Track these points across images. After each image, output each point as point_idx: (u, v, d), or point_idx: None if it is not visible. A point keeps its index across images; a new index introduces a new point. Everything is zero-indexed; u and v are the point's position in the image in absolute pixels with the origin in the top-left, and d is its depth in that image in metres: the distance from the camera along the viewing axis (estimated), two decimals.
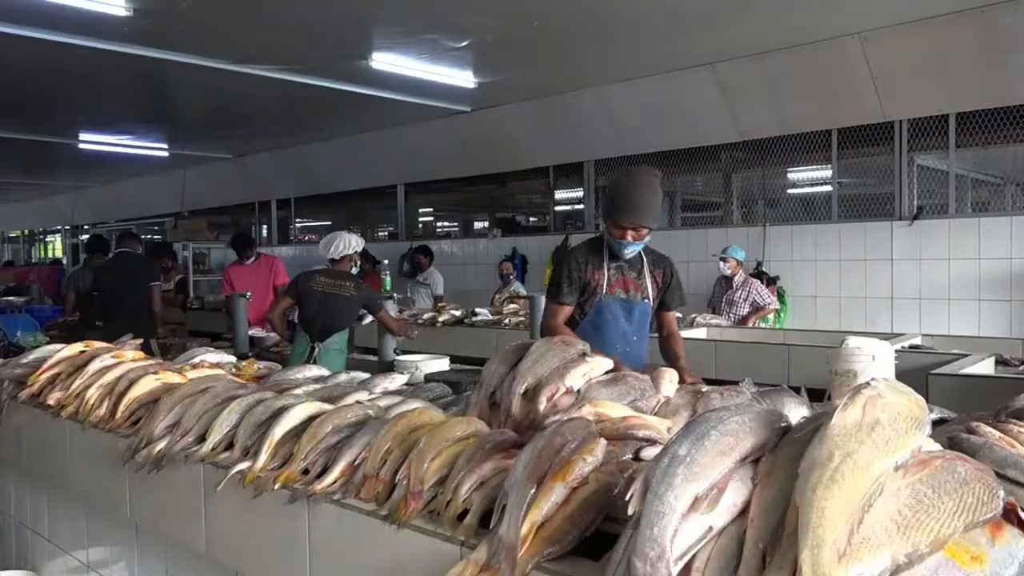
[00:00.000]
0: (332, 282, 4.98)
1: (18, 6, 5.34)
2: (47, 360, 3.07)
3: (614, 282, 3.35)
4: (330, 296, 4.92)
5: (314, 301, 4.94)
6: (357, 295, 4.94)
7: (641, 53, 7.03)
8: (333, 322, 4.92)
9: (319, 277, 5.05)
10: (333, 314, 4.91)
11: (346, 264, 5.10)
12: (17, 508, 3.47)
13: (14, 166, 14.72)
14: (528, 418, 1.88)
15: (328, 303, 4.91)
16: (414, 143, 10.45)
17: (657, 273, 3.43)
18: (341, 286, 4.95)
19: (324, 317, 4.92)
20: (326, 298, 4.92)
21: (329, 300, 4.91)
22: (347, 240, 5.11)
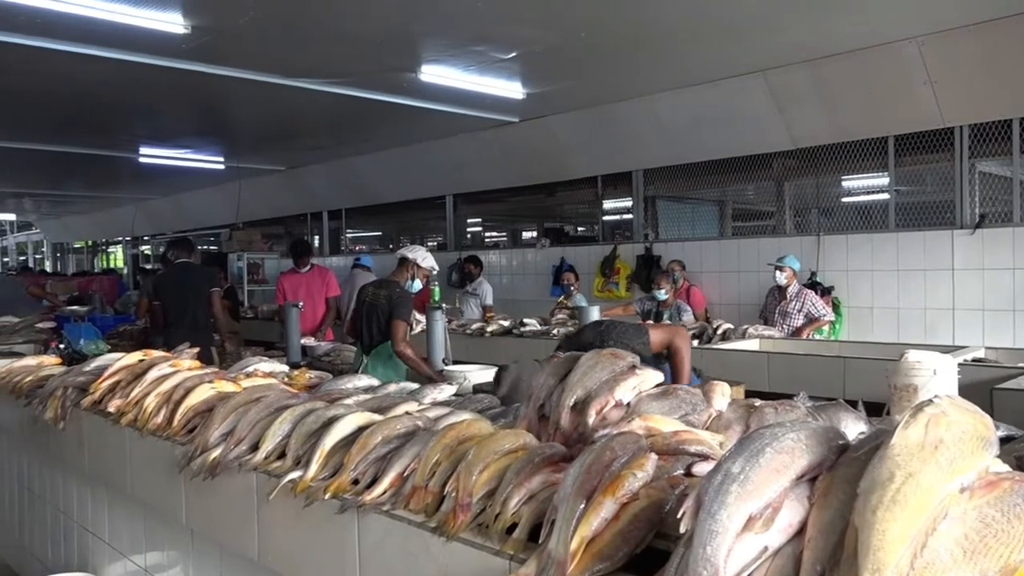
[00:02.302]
0: (374, 292, 5.08)
1: (83, 26, 5.53)
2: (108, 368, 3.16)
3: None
4: (371, 306, 5.02)
5: (361, 312, 5.07)
6: (386, 303, 4.96)
7: (691, 61, 6.97)
8: (373, 332, 4.99)
9: (369, 289, 5.16)
10: (372, 324, 4.98)
11: (401, 273, 5.13)
12: (79, 511, 3.58)
13: (79, 180, 15.24)
14: (577, 431, 1.86)
15: (370, 313, 5.01)
16: (463, 154, 10.52)
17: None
18: (377, 295, 5.02)
19: (366, 327, 5.02)
20: (369, 308, 5.02)
21: (370, 310, 5.01)
22: (416, 248, 5.22)
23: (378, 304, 4.97)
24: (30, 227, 27.29)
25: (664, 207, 9.44)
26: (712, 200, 9.29)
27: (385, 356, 4.91)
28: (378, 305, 4.96)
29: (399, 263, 5.17)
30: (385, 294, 4.99)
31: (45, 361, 4.06)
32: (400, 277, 5.11)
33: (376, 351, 4.93)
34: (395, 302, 4.93)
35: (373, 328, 4.97)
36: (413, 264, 5.11)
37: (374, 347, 4.96)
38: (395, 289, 5.02)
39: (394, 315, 4.87)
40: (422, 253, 5.18)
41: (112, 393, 3.02)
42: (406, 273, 5.12)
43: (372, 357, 4.92)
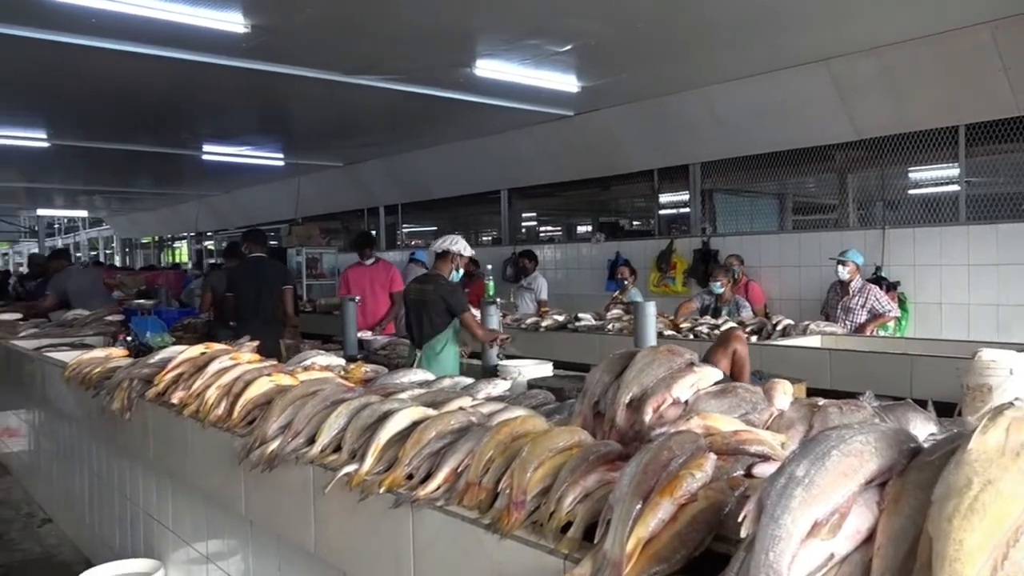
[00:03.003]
0: (420, 287, 5.18)
1: (149, 28, 5.68)
2: (171, 361, 3.24)
3: None
4: (420, 302, 5.09)
5: (410, 309, 5.17)
6: (437, 297, 5.02)
7: (749, 52, 6.81)
8: (424, 326, 5.05)
9: (413, 285, 5.30)
10: (423, 318, 5.05)
11: (444, 266, 5.17)
12: (145, 499, 3.68)
13: (146, 178, 15.74)
14: (633, 429, 1.83)
15: (418, 309, 5.09)
16: (518, 148, 10.51)
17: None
18: (426, 291, 5.10)
19: (415, 323, 5.10)
20: (417, 304, 5.10)
21: (420, 306, 5.09)
22: (454, 239, 5.22)
23: (427, 299, 5.03)
24: (101, 223, 28.31)
25: (722, 201, 9.27)
26: (772, 193, 9.08)
27: (435, 351, 4.96)
28: (427, 300, 5.03)
29: (439, 257, 5.21)
30: (432, 288, 5.05)
31: (113, 353, 4.18)
32: (443, 270, 5.16)
33: (428, 345, 4.98)
34: (448, 296, 5.00)
35: (424, 323, 5.03)
36: (457, 256, 5.16)
37: (425, 342, 5.01)
38: (440, 282, 5.08)
39: (456, 310, 4.97)
40: (462, 243, 5.22)
41: (175, 385, 3.09)
42: (449, 265, 5.16)
43: (424, 351, 4.97)
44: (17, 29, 5.73)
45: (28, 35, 5.82)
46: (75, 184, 16.86)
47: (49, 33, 5.85)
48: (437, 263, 5.21)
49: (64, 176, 15.47)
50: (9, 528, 5.17)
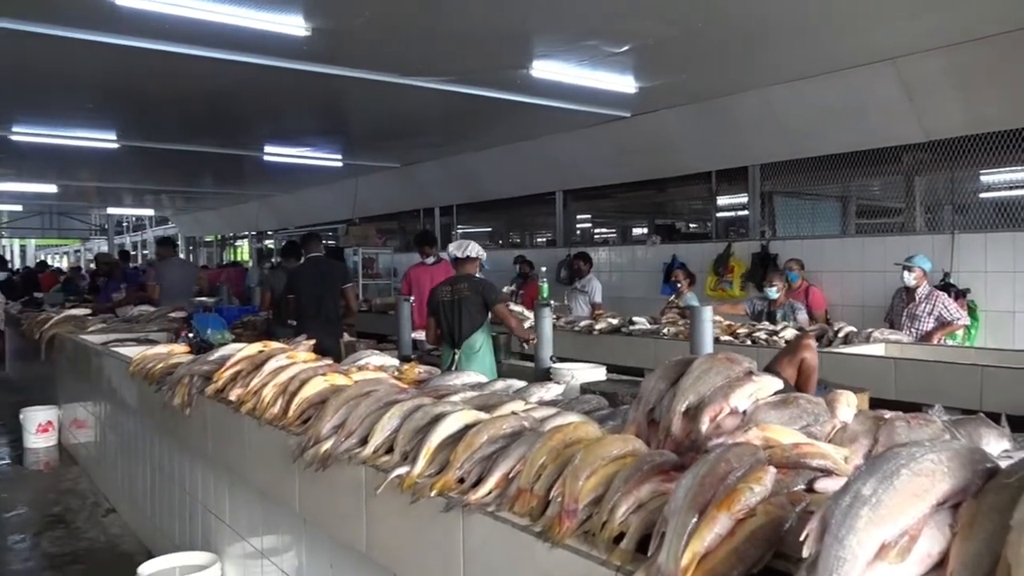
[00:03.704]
0: (452, 288, 5.29)
1: (212, 32, 5.82)
2: (230, 358, 3.30)
3: None
4: (453, 302, 5.21)
5: (444, 311, 5.25)
6: (473, 293, 5.18)
7: (812, 51, 6.65)
8: (462, 325, 5.15)
9: (442, 288, 5.37)
10: (460, 318, 5.16)
11: (469, 268, 5.37)
12: (203, 493, 3.76)
13: (209, 178, 16.15)
14: (689, 439, 1.78)
15: (453, 309, 5.19)
16: (573, 150, 10.46)
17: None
18: (459, 290, 5.23)
19: (454, 323, 5.17)
20: (451, 305, 5.21)
21: (454, 306, 5.19)
22: (473, 244, 5.45)
23: (461, 297, 5.17)
24: (166, 222, 29.16)
25: (782, 203, 9.06)
26: (834, 196, 8.84)
27: (474, 349, 5.04)
28: (462, 298, 5.17)
29: (460, 262, 5.39)
30: (466, 286, 5.20)
31: (175, 349, 4.29)
32: (470, 271, 5.37)
33: (467, 343, 5.10)
34: (483, 291, 5.19)
35: (463, 321, 5.14)
36: (478, 260, 5.43)
37: (463, 340, 5.13)
38: (473, 279, 5.26)
39: (491, 302, 5.18)
40: (478, 247, 5.44)
41: (233, 382, 3.14)
42: (474, 267, 5.39)
43: (464, 350, 5.06)
44: (89, 34, 5.93)
45: (99, 40, 6.01)
46: (143, 184, 17.40)
47: (119, 38, 6.04)
48: (461, 266, 5.39)
49: (133, 176, 15.98)
50: (76, 517, 5.35)
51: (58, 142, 10.80)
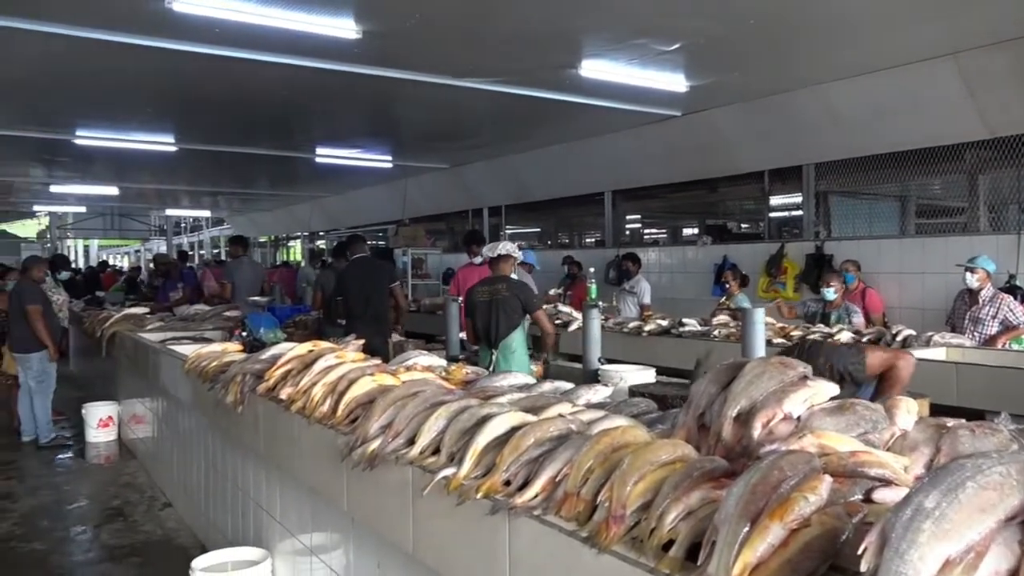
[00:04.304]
0: (489, 288, 5.28)
1: (264, 35, 5.92)
2: (281, 357, 3.34)
3: None
4: (490, 302, 5.20)
5: (480, 311, 5.24)
6: (510, 295, 5.17)
7: (869, 47, 6.47)
8: (499, 326, 5.15)
9: (478, 288, 5.37)
10: (497, 318, 5.16)
11: (506, 267, 5.38)
12: (255, 490, 3.82)
13: (262, 179, 16.48)
14: (740, 445, 1.74)
15: (490, 309, 5.19)
16: (622, 150, 10.38)
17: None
18: (496, 290, 5.23)
19: (491, 324, 5.18)
20: (488, 305, 5.21)
21: (490, 306, 5.19)
22: (506, 243, 5.47)
23: (499, 298, 5.17)
24: (222, 223, 29.85)
25: (837, 203, 8.85)
26: (892, 195, 8.60)
27: (511, 349, 5.07)
28: (500, 300, 5.17)
29: (495, 261, 5.40)
30: (504, 287, 5.20)
31: (228, 348, 4.37)
32: (506, 271, 5.38)
33: (504, 343, 5.12)
34: (521, 294, 5.21)
35: (500, 322, 5.15)
36: (513, 260, 5.45)
37: (501, 340, 5.14)
38: (511, 281, 5.28)
39: (530, 307, 5.21)
40: (511, 245, 5.45)
41: (284, 381, 3.18)
42: (509, 267, 5.41)
43: (501, 351, 5.09)
44: (148, 40, 6.09)
45: (158, 45, 6.17)
46: (200, 185, 17.84)
47: (177, 43, 6.19)
48: (499, 265, 5.39)
49: (190, 178, 16.40)
50: (134, 510, 5.49)
51: (119, 145, 11.14)
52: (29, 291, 7.49)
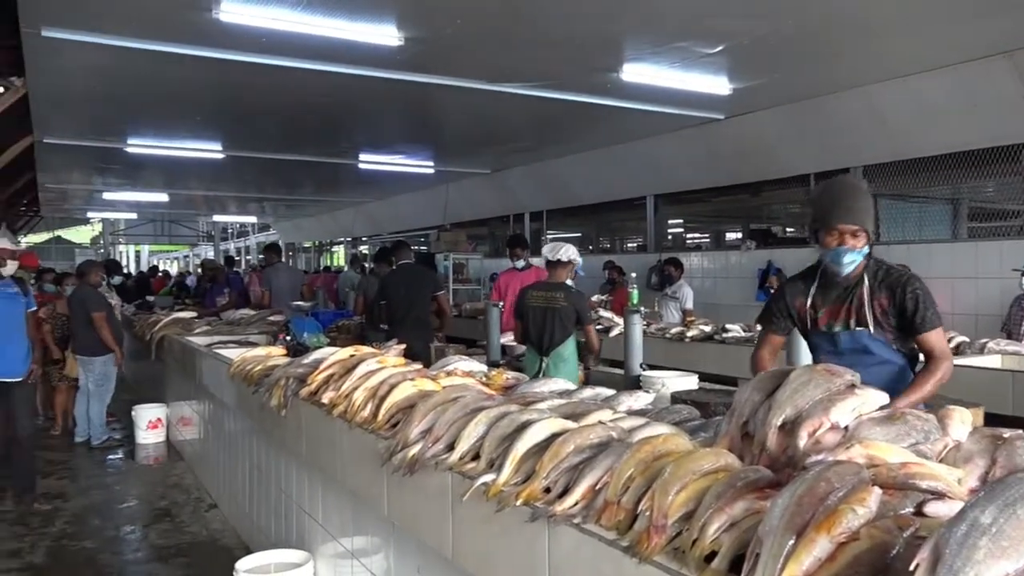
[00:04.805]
0: (545, 295, 5.08)
1: (309, 44, 6.01)
2: (323, 362, 3.37)
3: (822, 314, 2.92)
4: (546, 309, 5.02)
5: (533, 316, 5.07)
6: (568, 305, 4.97)
7: (919, 46, 6.32)
8: (553, 334, 4.99)
9: (533, 292, 5.18)
10: (552, 327, 4.98)
11: (562, 273, 5.16)
12: (298, 493, 3.86)
13: (308, 185, 16.73)
14: (786, 454, 1.70)
15: (544, 316, 5.01)
16: (664, 153, 10.30)
17: (881, 297, 2.83)
18: (553, 298, 5.02)
19: (544, 331, 5.01)
20: (542, 312, 5.02)
21: (546, 313, 5.01)
22: (571, 248, 5.20)
23: (556, 306, 4.99)
24: (268, 228, 30.37)
25: (886, 206, 8.65)
26: (943, 198, 8.38)
27: (562, 358, 4.95)
28: (556, 308, 4.99)
29: (553, 265, 5.17)
30: (562, 296, 5.00)
31: (272, 352, 4.43)
32: (563, 277, 5.16)
33: (556, 352, 4.97)
34: (578, 305, 5.02)
35: (555, 330, 4.99)
36: (573, 266, 5.19)
37: (553, 349, 4.99)
38: (571, 291, 5.08)
39: (586, 320, 5.03)
40: (575, 250, 5.22)
41: (326, 385, 3.21)
42: (568, 272, 5.18)
43: (552, 359, 4.95)
44: (196, 49, 6.22)
45: (205, 55, 6.31)
46: (246, 192, 18.17)
47: (224, 52, 6.31)
48: (556, 270, 5.18)
49: (237, 185, 16.72)
50: (181, 511, 5.60)
51: (169, 153, 11.41)
52: (94, 298, 7.68)
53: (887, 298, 2.83)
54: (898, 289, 2.82)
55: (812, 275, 2.99)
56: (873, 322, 2.82)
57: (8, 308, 5.65)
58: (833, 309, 2.89)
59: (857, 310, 2.84)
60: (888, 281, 2.85)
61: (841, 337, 2.86)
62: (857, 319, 2.84)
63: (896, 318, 2.83)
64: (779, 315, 3.03)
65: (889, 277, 2.86)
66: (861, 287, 2.85)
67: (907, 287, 2.82)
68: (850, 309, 2.85)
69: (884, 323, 2.83)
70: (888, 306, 2.83)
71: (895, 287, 2.83)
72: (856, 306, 2.84)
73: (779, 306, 3.04)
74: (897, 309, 2.81)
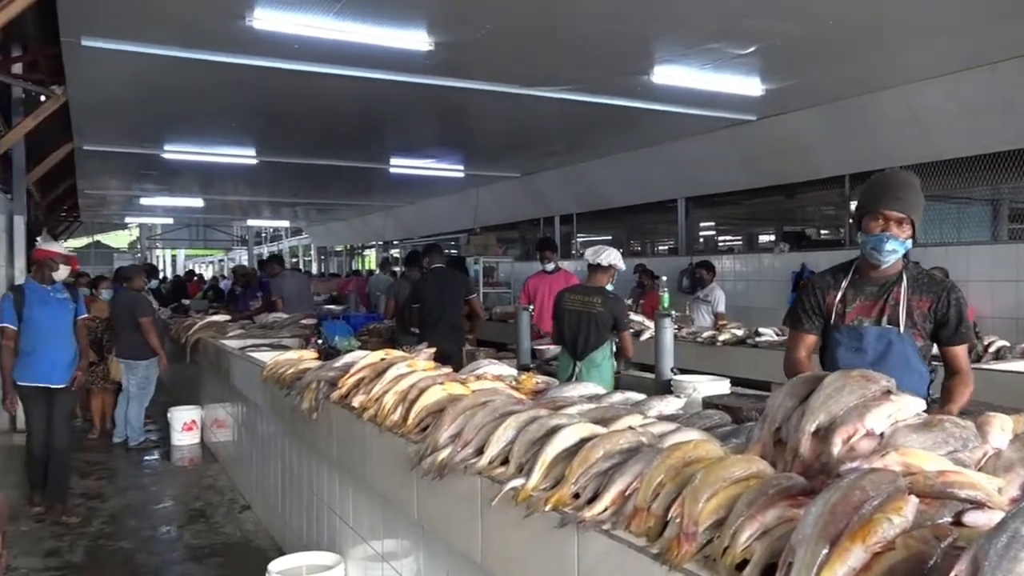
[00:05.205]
0: (582, 299, 5.02)
1: (340, 50, 6.06)
2: (354, 365, 3.40)
3: (851, 309, 2.82)
4: (582, 313, 4.95)
5: (569, 321, 5.00)
6: (605, 311, 4.90)
7: (959, 45, 6.20)
8: (588, 339, 4.92)
9: (570, 295, 5.12)
10: (587, 332, 4.92)
11: (603, 278, 5.08)
12: (329, 496, 3.89)
13: (339, 190, 16.89)
14: (819, 462, 1.67)
15: (581, 320, 4.94)
16: (696, 156, 10.22)
17: (920, 299, 2.75)
18: (591, 303, 4.96)
19: (579, 335, 4.95)
20: (579, 316, 4.96)
21: (582, 317, 4.94)
22: (614, 252, 5.12)
23: (593, 312, 4.92)
24: (300, 233, 30.71)
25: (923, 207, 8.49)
26: (983, 199, 8.21)
27: (596, 363, 4.90)
28: (593, 313, 4.92)
29: (594, 269, 5.10)
30: (600, 301, 4.93)
31: (304, 355, 4.46)
32: (603, 282, 5.08)
33: (590, 358, 4.91)
34: (616, 311, 4.94)
35: (589, 335, 4.92)
36: (614, 271, 5.10)
37: (587, 354, 4.92)
38: (609, 296, 4.99)
39: (623, 327, 4.96)
40: (618, 255, 5.13)
41: (356, 389, 3.23)
42: (608, 278, 5.10)
43: (586, 364, 4.90)
44: (230, 57, 6.31)
45: (239, 62, 6.40)
46: (279, 196, 18.41)
47: (258, 59, 6.40)
48: (596, 274, 5.11)
49: (270, 189, 16.94)
50: (215, 512, 5.67)
51: (204, 159, 11.59)
52: (141, 302, 7.80)
53: (929, 301, 2.76)
54: (943, 294, 2.76)
55: (845, 270, 2.91)
56: (906, 323, 2.74)
57: (58, 314, 5.66)
58: (865, 305, 2.81)
59: (891, 308, 2.76)
60: (931, 285, 2.79)
61: (869, 332, 2.78)
62: (889, 317, 2.77)
63: (934, 323, 2.76)
64: (811, 312, 2.92)
65: (932, 281, 2.80)
66: (898, 286, 2.78)
67: (951, 294, 2.77)
68: (884, 307, 2.78)
69: (920, 326, 2.76)
70: (928, 310, 2.76)
71: (940, 292, 2.77)
72: (891, 304, 2.77)
73: (811, 302, 2.92)
74: (938, 315, 2.75)
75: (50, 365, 5.56)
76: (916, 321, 2.76)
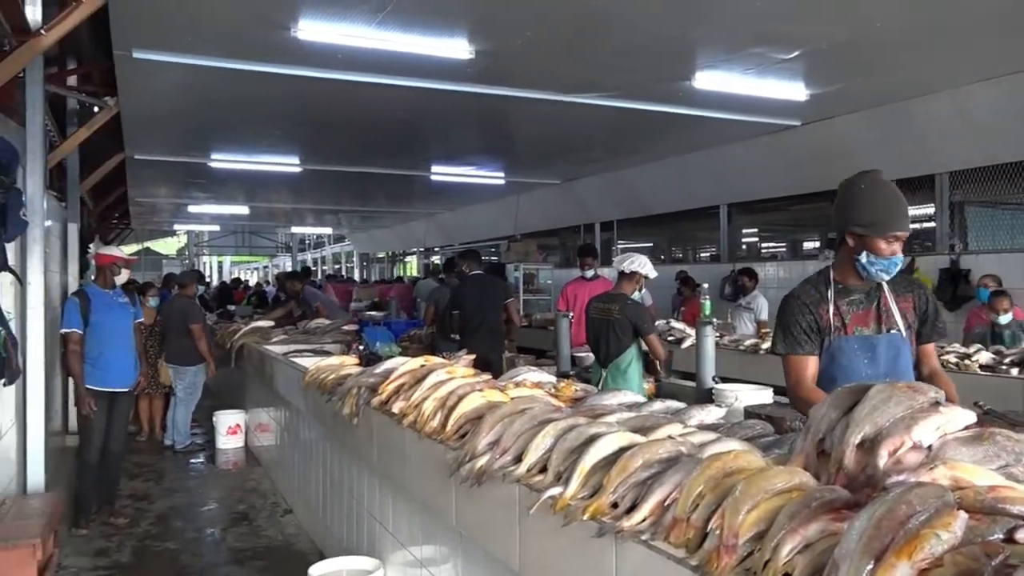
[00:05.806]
0: (603, 307, 5.12)
1: (383, 59, 6.13)
2: (394, 372, 3.42)
3: (850, 320, 2.76)
4: (602, 321, 5.06)
5: (592, 329, 5.15)
6: (623, 317, 4.97)
7: (1013, 45, 6.03)
8: (609, 346, 5.01)
9: (594, 303, 5.23)
10: (607, 339, 5.02)
11: (629, 285, 5.13)
12: (369, 501, 3.92)
13: (381, 197, 17.07)
14: (864, 474, 1.63)
15: (601, 328, 5.06)
16: (738, 162, 10.10)
17: (902, 299, 2.77)
18: (609, 310, 5.05)
19: (600, 342, 5.06)
20: (599, 323, 5.08)
21: (602, 325, 5.06)
22: (642, 260, 5.13)
23: (611, 319, 5.01)
24: (343, 239, 31.07)
25: (974, 214, 8.28)
26: None
27: (620, 369, 4.93)
28: (612, 320, 5.00)
29: (620, 276, 5.16)
30: (617, 308, 5.01)
31: (345, 361, 4.51)
32: (627, 289, 5.13)
33: (614, 364, 4.99)
34: (633, 316, 4.98)
35: (610, 342, 5.01)
36: (641, 277, 5.14)
37: (611, 361, 5.01)
38: (626, 302, 5.05)
39: (643, 331, 5.00)
40: (648, 265, 5.16)
41: (396, 395, 3.25)
42: (633, 285, 5.15)
43: (610, 370, 4.96)
44: (276, 67, 6.43)
45: (285, 72, 6.51)
46: (323, 204, 18.65)
47: (302, 69, 6.51)
48: (621, 282, 5.17)
49: (314, 197, 17.18)
50: (257, 515, 5.75)
51: (249, 167, 11.80)
52: (193, 309, 7.97)
53: (910, 300, 2.81)
54: (917, 291, 2.85)
55: (825, 282, 2.87)
56: (904, 325, 2.77)
57: (121, 318, 5.67)
58: (859, 315, 2.78)
59: (885, 314, 2.76)
60: (904, 284, 2.84)
61: (880, 340, 2.74)
62: (886, 324, 2.76)
63: (919, 321, 2.81)
64: (810, 331, 2.79)
65: (903, 279, 2.84)
66: (882, 291, 2.78)
67: (923, 290, 2.86)
68: (879, 314, 2.77)
69: (912, 327, 2.79)
70: (912, 308, 2.80)
71: (914, 288, 2.86)
72: (884, 310, 2.77)
73: (807, 321, 2.79)
74: (919, 311, 2.81)
75: (118, 370, 5.58)
76: (909, 322, 2.78)
